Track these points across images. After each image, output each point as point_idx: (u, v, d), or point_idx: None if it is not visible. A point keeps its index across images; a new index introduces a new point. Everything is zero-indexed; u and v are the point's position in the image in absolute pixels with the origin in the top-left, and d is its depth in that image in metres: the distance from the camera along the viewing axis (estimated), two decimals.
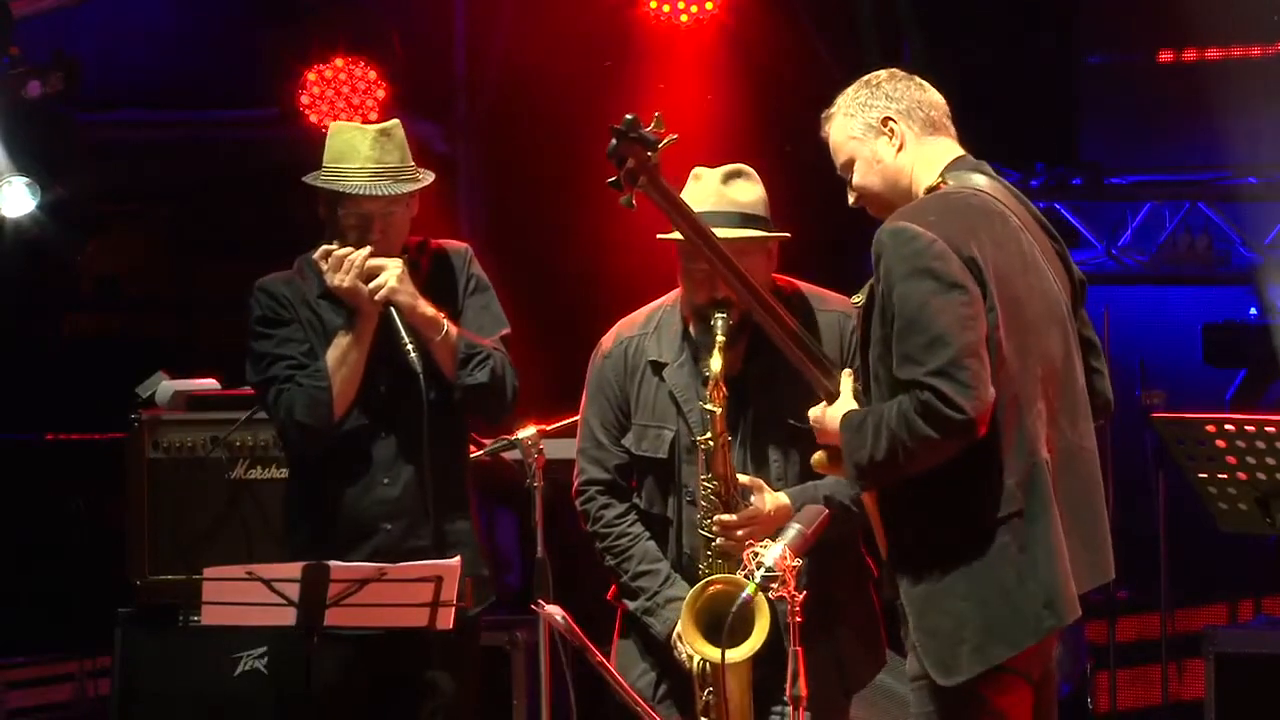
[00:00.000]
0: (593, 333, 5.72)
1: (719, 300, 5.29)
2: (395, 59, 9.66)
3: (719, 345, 5.27)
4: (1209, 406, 8.73)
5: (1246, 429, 5.59)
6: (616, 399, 5.55)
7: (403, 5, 9.92)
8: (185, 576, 6.63)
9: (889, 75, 4.85)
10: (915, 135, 4.77)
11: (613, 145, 4.70)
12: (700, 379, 5.42)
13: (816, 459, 4.80)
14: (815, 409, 4.77)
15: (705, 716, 5.29)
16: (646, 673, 5.50)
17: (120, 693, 6.85)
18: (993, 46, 9.80)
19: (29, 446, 9.47)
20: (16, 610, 8.87)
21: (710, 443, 5.30)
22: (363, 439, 5.75)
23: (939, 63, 9.68)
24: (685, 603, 5.26)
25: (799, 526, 4.76)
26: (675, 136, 4.73)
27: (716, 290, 5.29)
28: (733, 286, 4.93)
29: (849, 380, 4.76)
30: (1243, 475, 5.63)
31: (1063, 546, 4.54)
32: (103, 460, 7.78)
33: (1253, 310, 10.06)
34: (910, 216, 4.60)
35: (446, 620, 5.47)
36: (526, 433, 5.73)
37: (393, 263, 5.69)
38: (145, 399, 7.00)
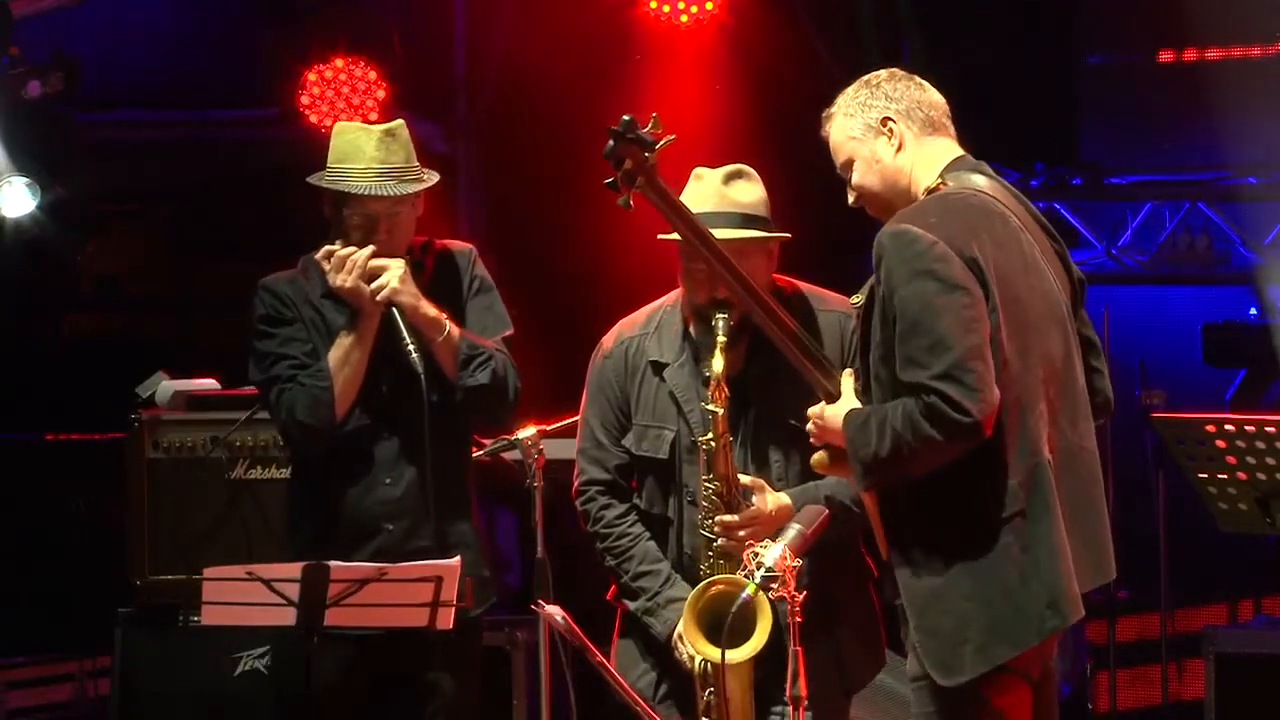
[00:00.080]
0: (593, 333, 5.71)
1: (720, 300, 5.27)
2: (395, 59, 9.66)
3: (721, 345, 5.26)
4: (1209, 406, 8.73)
5: (1246, 429, 5.58)
6: (617, 399, 5.54)
7: (403, 5, 9.92)
8: (185, 576, 6.63)
9: (889, 75, 4.84)
10: (915, 135, 4.76)
11: (610, 146, 4.70)
12: (701, 379, 5.42)
13: (817, 459, 4.79)
14: (815, 407, 4.77)
15: (707, 717, 5.28)
16: (647, 673, 5.49)
17: (120, 693, 6.84)
18: (993, 46, 9.80)
19: (29, 446, 9.46)
20: (16, 610, 8.87)
21: (712, 443, 5.29)
22: (365, 439, 5.74)
23: (939, 63, 9.67)
24: (687, 603, 5.25)
25: (799, 527, 4.76)
26: (673, 137, 4.72)
27: (717, 290, 5.27)
28: (731, 287, 4.93)
29: (849, 380, 4.75)
30: (1243, 475, 5.63)
31: (1065, 546, 4.54)
32: (103, 460, 7.78)
33: (1253, 310, 10.06)
34: (911, 219, 4.60)
35: (446, 620, 5.47)
36: (526, 433, 5.73)
37: (395, 263, 5.68)
38: (145, 399, 7.00)
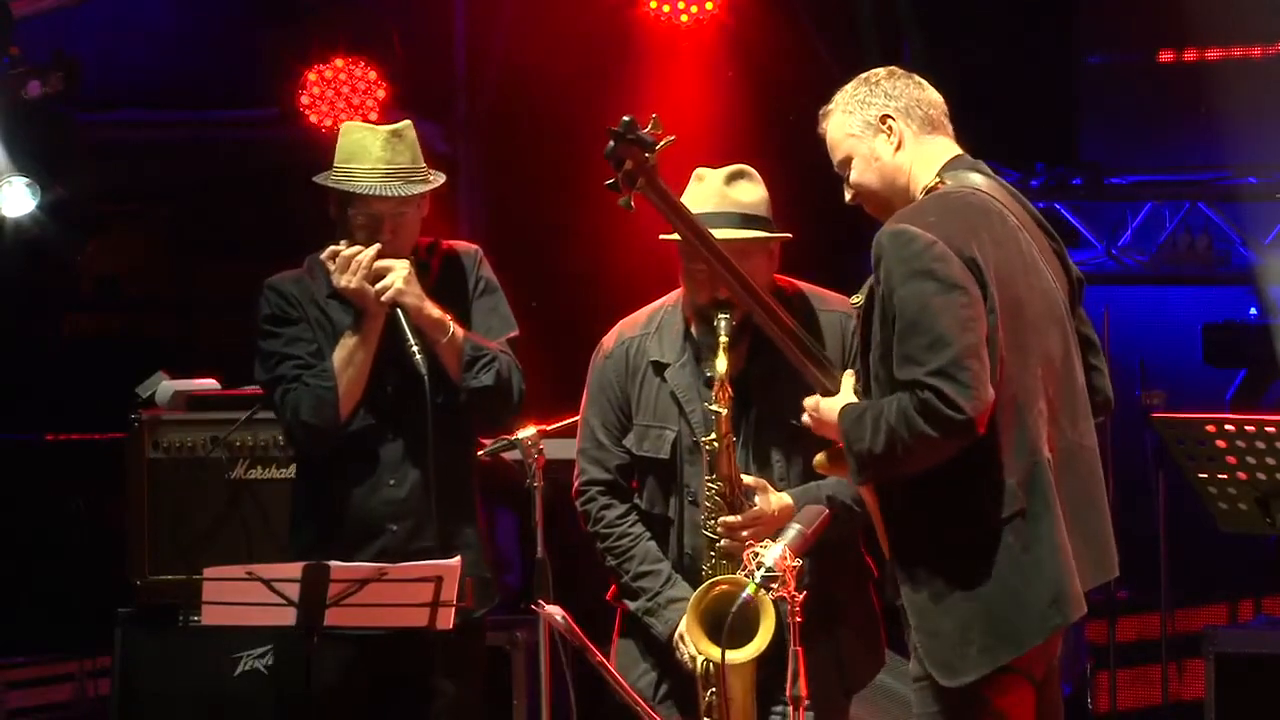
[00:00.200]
0: (593, 333, 5.71)
1: (722, 300, 5.26)
2: (395, 59, 9.66)
3: (723, 346, 5.25)
4: (1209, 406, 8.73)
5: (1246, 429, 5.58)
6: (618, 399, 5.54)
7: (403, 5, 9.92)
8: (185, 576, 6.63)
9: (888, 73, 4.83)
10: (914, 134, 4.76)
11: (610, 147, 4.70)
12: (702, 379, 5.42)
13: (819, 460, 4.79)
14: (811, 399, 4.77)
15: (708, 717, 5.28)
16: (647, 673, 5.49)
17: (120, 693, 6.84)
18: (993, 46, 9.80)
19: (29, 446, 9.46)
20: (16, 610, 8.87)
21: (715, 443, 5.29)
22: (369, 440, 5.74)
23: (939, 62, 9.67)
24: (690, 603, 5.25)
25: (799, 527, 4.75)
26: (673, 138, 4.72)
27: (719, 290, 5.27)
28: (731, 287, 4.93)
29: (850, 380, 4.75)
30: (1243, 475, 5.63)
31: (1067, 544, 4.54)
32: (103, 460, 7.78)
33: (1253, 310, 10.06)
34: (910, 218, 4.59)
35: (446, 620, 5.47)
36: (526, 433, 5.72)
37: (400, 264, 5.68)
38: (145, 399, 7.00)
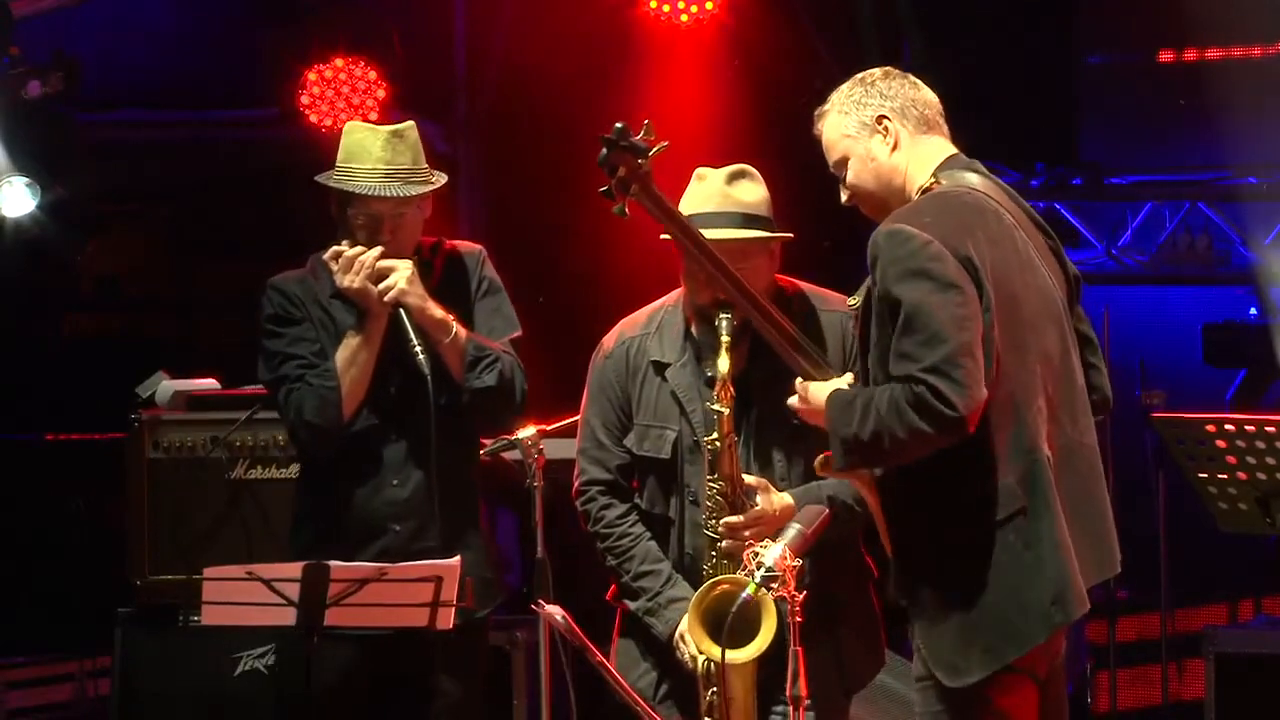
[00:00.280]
0: (593, 333, 5.71)
1: (723, 300, 5.25)
2: (395, 59, 9.66)
3: (725, 345, 5.25)
4: (1209, 406, 8.73)
5: (1246, 429, 5.59)
6: (618, 399, 5.54)
7: (403, 5, 9.92)
8: (185, 576, 6.62)
9: (883, 74, 4.84)
10: (909, 134, 4.77)
11: (603, 154, 4.70)
12: (703, 379, 5.42)
13: (819, 463, 4.79)
14: (800, 383, 4.77)
15: (709, 717, 5.28)
16: (648, 673, 5.49)
17: (120, 693, 6.84)
18: (993, 46, 9.80)
19: (29, 446, 9.47)
20: (16, 610, 8.87)
21: (717, 443, 5.28)
22: (373, 440, 5.74)
23: (939, 62, 9.68)
24: (692, 603, 5.24)
25: (799, 526, 4.75)
26: (666, 144, 4.72)
27: (720, 291, 5.27)
28: (726, 289, 4.93)
29: (849, 380, 4.76)
30: (1243, 475, 5.63)
31: (1067, 542, 4.54)
32: (103, 460, 7.78)
33: (1253, 310, 10.06)
34: (906, 218, 4.60)
35: (446, 620, 5.47)
36: (526, 433, 5.72)
37: (402, 264, 5.68)
38: (145, 399, 6.99)
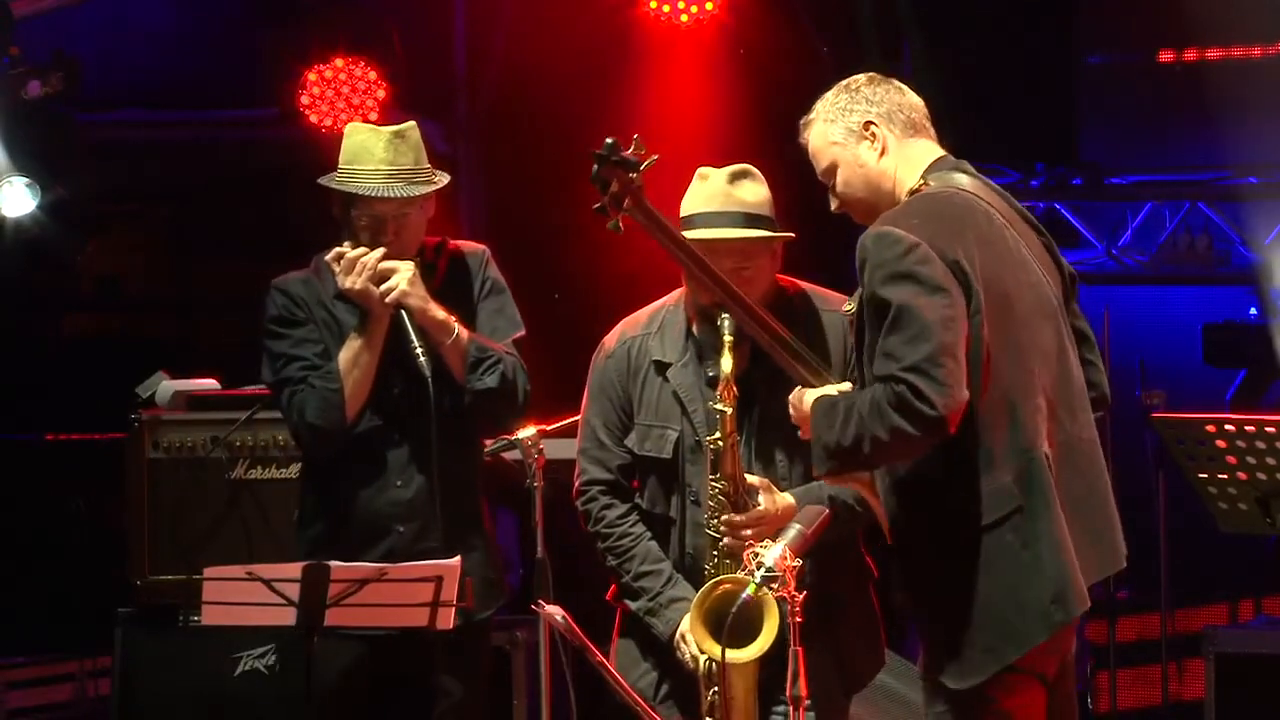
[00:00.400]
0: (593, 333, 5.71)
1: None
2: (395, 59, 9.66)
3: (728, 345, 5.24)
4: (1209, 406, 8.73)
5: (1246, 429, 5.58)
6: (619, 399, 5.53)
7: (403, 5, 9.92)
8: (185, 576, 6.62)
9: (868, 79, 4.85)
10: (897, 138, 4.78)
11: (595, 171, 4.69)
12: (704, 379, 5.41)
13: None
14: (794, 393, 4.78)
15: (710, 716, 5.28)
16: (648, 673, 5.48)
17: (120, 693, 6.84)
18: (993, 46, 9.80)
19: (29, 446, 9.47)
20: (16, 610, 8.87)
21: (719, 443, 5.28)
22: (376, 441, 5.73)
23: (939, 62, 9.69)
24: (694, 602, 5.23)
25: (799, 527, 4.76)
26: (656, 157, 4.72)
27: (717, 300, 5.27)
28: (723, 298, 4.94)
29: (846, 387, 4.76)
30: (1243, 475, 5.62)
31: (1067, 540, 4.54)
32: (103, 460, 7.78)
33: (1253, 310, 10.06)
34: (894, 221, 4.61)
35: (446, 620, 5.46)
36: (526, 433, 5.73)
37: (404, 265, 5.67)
38: (145, 399, 6.99)
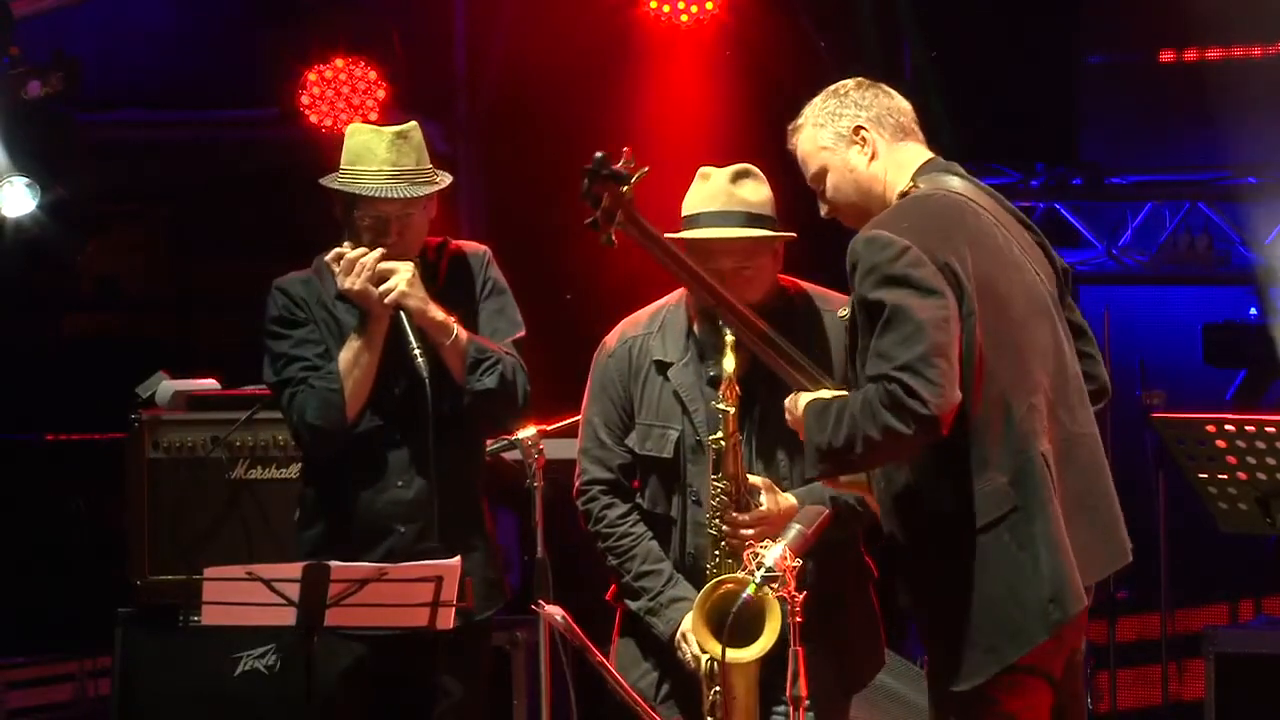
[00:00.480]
0: (593, 333, 5.71)
1: None
2: (395, 59, 9.66)
3: (730, 345, 5.24)
4: (1209, 406, 8.72)
5: (1246, 429, 5.57)
6: (620, 399, 5.53)
7: (403, 5, 9.92)
8: (185, 576, 6.63)
9: (856, 84, 4.87)
10: (886, 142, 4.80)
11: (585, 186, 4.69)
12: (705, 378, 5.42)
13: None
14: (790, 397, 4.79)
15: (711, 716, 5.27)
16: (649, 673, 5.48)
17: (120, 693, 6.84)
18: (993, 46, 9.80)
19: (29, 446, 9.47)
20: (16, 610, 8.87)
21: (722, 442, 5.28)
22: (377, 442, 5.73)
23: (939, 62, 9.69)
24: (696, 602, 5.23)
25: (799, 526, 4.76)
26: (646, 170, 4.71)
27: (714, 307, 5.27)
28: (719, 307, 4.95)
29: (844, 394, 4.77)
30: (1243, 475, 5.62)
31: (1064, 539, 4.54)
32: (103, 460, 7.78)
33: (1253, 310, 10.06)
34: (884, 224, 4.62)
35: (446, 620, 5.46)
36: (526, 433, 5.73)
37: (404, 266, 5.67)
38: (145, 399, 7.00)
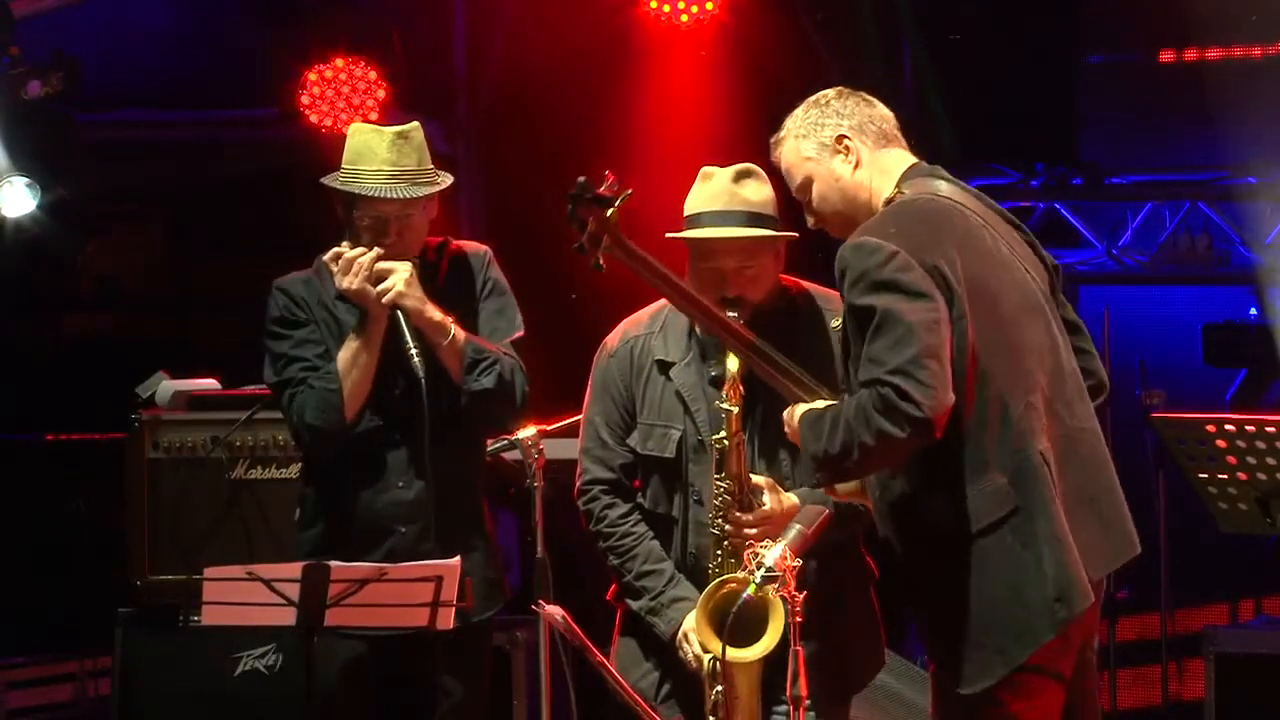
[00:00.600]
0: (593, 333, 5.71)
1: (729, 299, 5.26)
2: (395, 59, 9.66)
3: None
4: (1209, 406, 8.73)
5: (1246, 429, 5.57)
6: (622, 398, 5.53)
7: (403, 5, 9.92)
8: (185, 576, 6.63)
9: (837, 94, 4.89)
10: (870, 149, 4.81)
11: (570, 210, 4.69)
12: (707, 378, 5.42)
13: (840, 485, 4.80)
14: (787, 410, 4.79)
15: (714, 716, 5.27)
16: (650, 673, 5.48)
17: (120, 693, 6.85)
18: (993, 46, 9.80)
19: (29, 447, 9.47)
20: (16, 610, 8.87)
21: (725, 442, 5.28)
22: (377, 442, 5.73)
23: (939, 62, 9.69)
24: (699, 601, 5.24)
25: (799, 526, 4.76)
26: (630, 192, 4.71)
27: (727, 289, 5.28)
28: (706, 322, 4.96)
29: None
30: (1243, 475, 5.61)
31: (1067, 537, 4.54)
32: (103, 460, 7.78)
33: (1253, 310, 10.06)
34: (871, 230, 4.63)
35: (447, 620, 5.46)
36: (526, 433, 5.73)
37: (401, 266, 5.67)
38: (145, 399, 7.00)
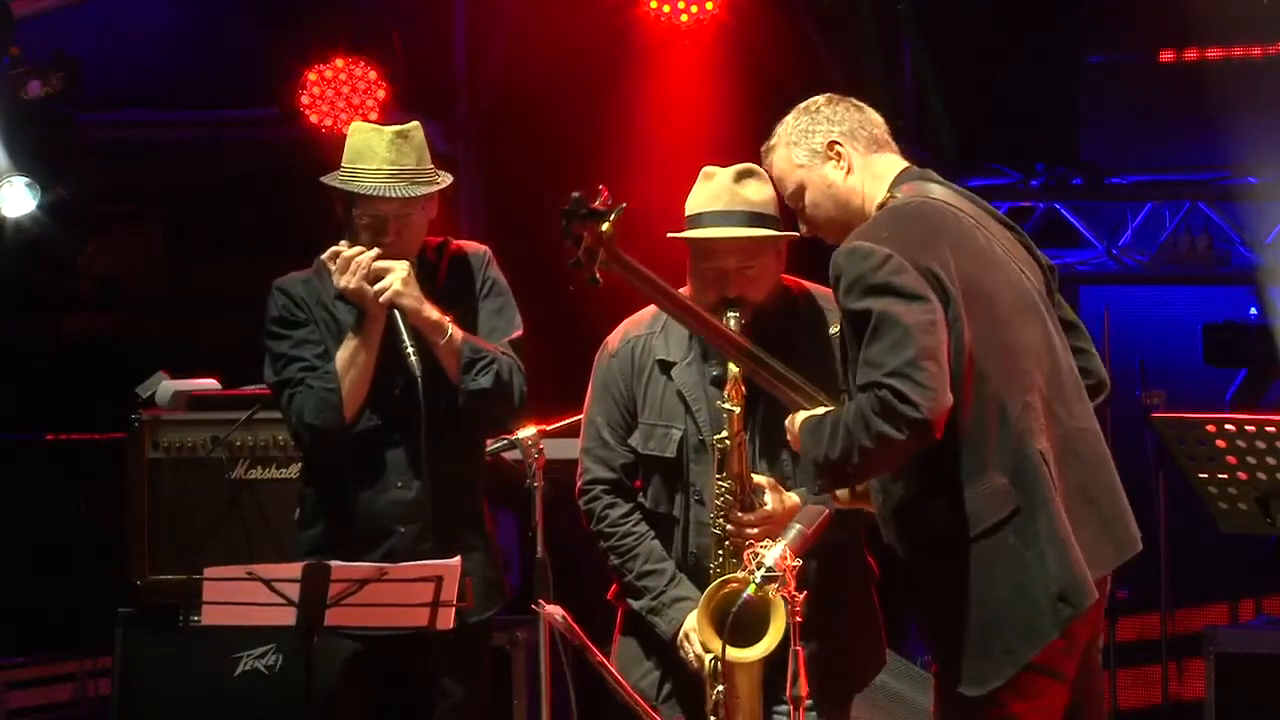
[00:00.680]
0: (593, 333, 5.71)
1: (731, 299, 5.27)
2: (395, 59, 9.66)
3: None
4: (1209, 406, 8.73)
5: (1246, 429, 5.57)
6: (623, 398, 5.53)
7: (403, 5, 9.92)
8: (185, 576, 6.63)
9: (826, 100, 4.89)
10: (861, 155, 4.82)
11: (565, 226, 4.69)
12: (708, 378, 5.42)
13: (841, 494, 4.80)
14: (788, 418, 4.80)
15: (715, 715, 5.27)
16: (650, 672, 5.47)
17: (120, 693, 6.85)
18: (993, 46, 9.81)
19: (29, 447, 9.47)
20: (16, 610, 8.87)
21: (726, 441, 5.28)
22: (376, 442, 5.73)
23: (939, 62, 9.69)
24: (701, 601, 5.23)
25: (799, 526, 4.76)
26: (624, 205, 4.70)
27: (728, 289, 5.28)
28: (704, 333, 4.97)
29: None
30: (1243, 475, 5.62)
31: (1069, 536, 4.54)
32: (103, 460, 7.78)
33: (1253, 310, 10.06)
34: (864, 235, 4.64)
35: (447, 620, 5.46)
36: (527, 433, 5.73)
37: (399, 265, 5.67)
38: (145, 399, 7.00)
